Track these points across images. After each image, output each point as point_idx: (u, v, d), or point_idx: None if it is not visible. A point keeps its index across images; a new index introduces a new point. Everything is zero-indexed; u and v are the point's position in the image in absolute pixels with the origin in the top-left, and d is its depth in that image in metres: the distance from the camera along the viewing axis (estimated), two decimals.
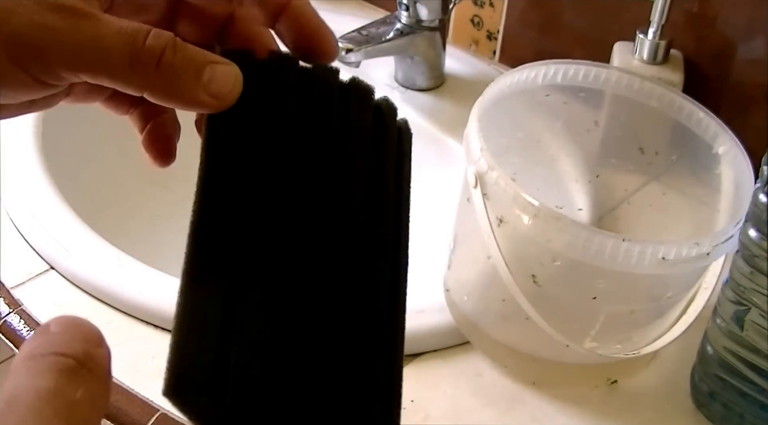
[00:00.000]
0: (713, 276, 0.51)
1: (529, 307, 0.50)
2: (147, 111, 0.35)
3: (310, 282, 0.27)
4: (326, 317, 0.26)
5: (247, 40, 0.32)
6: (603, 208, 0.65)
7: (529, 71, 0.56)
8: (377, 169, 0.30)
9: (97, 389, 0.22)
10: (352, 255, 0.28)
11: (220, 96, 0.28)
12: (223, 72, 0.28)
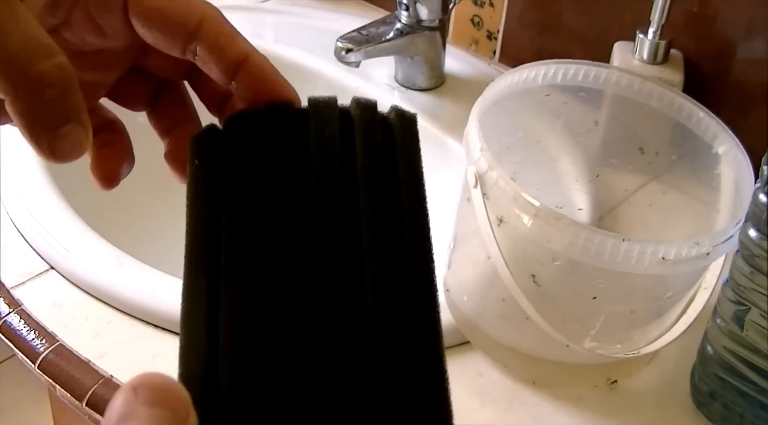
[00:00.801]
0: (713, 276, 0.51)
1: (529, 307, 0.50)
2: (100, 146, 0.34)
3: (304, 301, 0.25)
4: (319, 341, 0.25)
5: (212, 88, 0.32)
6: (603, 208, 0.65)
7: (529, 71, 0.56)
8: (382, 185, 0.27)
9: None
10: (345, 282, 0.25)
11: (57, 151, 0.27)
12: (77, 137, 0.27)
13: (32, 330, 0.56)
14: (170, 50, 0.30)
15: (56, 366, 0.54)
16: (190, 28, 0.29)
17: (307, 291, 0.25)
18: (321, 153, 0.27)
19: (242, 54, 0.29)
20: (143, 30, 0.30)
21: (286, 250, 0.25)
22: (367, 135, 0.28)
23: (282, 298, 0.25)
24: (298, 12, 0.92)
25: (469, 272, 0.57)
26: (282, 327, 0.24)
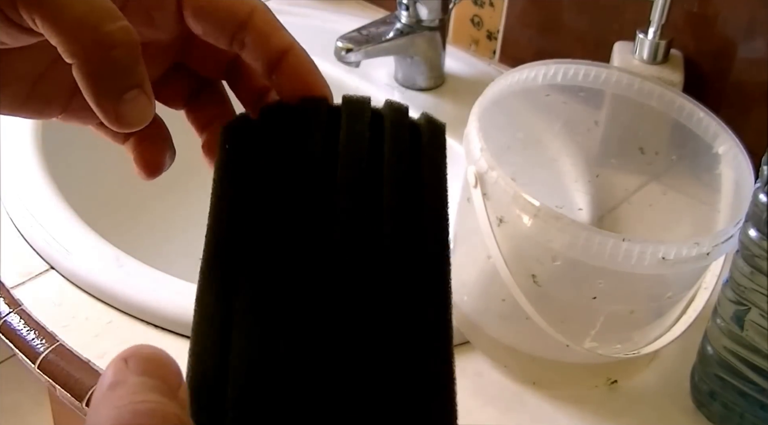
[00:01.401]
0: (713, 276, 0.51)
1: (529, 307, 0.50)
2: (142, 139, 0.35)
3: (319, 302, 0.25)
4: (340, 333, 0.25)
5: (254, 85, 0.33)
6: (603, 208, 0.65)
7: (529, 71, 0.56)
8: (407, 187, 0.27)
9: None
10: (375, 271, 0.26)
11: (122, 118, 0.27)
12: (142, 104, 0.28)
13: (32, 330, 0.56)
14: (218, 41, 0.31)
15: (56, 366, 0.54)
16: (240, 19, 0.30)
17: (324, 288, 0.25)
18: (350, 147, 0.28)
19: (286, 46, 0.31)
20: (195, 21, 0.31)
21: (306, 243, 0.25)
22: (395, 135, 0.28)
23: (297, 295, 0.25)
24: (298, 12, 0.92)
25: (469, 272, 0.57)
26: (295, 325, 0.24)
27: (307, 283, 0.25)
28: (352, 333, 0.24)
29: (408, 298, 0.25)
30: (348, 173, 0.27)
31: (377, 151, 0.28)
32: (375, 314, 0.25)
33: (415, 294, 0.25)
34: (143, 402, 0.20)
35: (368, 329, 0.24)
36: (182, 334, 0.56)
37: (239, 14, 0.30)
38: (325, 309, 0.24)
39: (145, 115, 0.28)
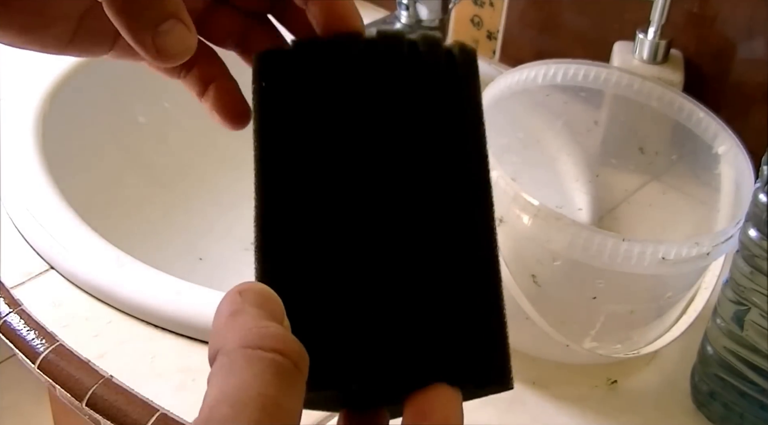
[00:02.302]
0: (713, 276, 0.51)
1: (529, 307, 0.50)
2: (202, 74, 0.34)
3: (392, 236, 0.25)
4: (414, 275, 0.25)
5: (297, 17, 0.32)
6: (603, 208, 0.65)
7: (529, 71, 0.56)
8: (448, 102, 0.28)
9: (304, 394, 0.22)
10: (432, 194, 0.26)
11: (162, 50, 0.27)
12: (180, 33, 0.27)
13: (32, 330, 0.56)
14: None
15: (56, 366, 0.54)
16: None
17: (366, 210, 0.26)
18: (388, 69, 0.27)
19: None
20: None
21: (346, 171, 0.26)
22: (431, 56, 0.28)
23: (341, 216, 0.25)
24: None
25: None
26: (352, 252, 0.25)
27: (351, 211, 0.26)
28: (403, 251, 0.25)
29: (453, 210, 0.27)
30: (387, 95, 0.27)
31: (415, 73, 0.28)
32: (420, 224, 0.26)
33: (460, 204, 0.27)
34: (266, 327, 0.22)
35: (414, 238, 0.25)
36: (182, 334, 0.56)
37: None
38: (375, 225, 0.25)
39: (187, 45, 0.27)
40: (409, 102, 0.27)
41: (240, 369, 0.21)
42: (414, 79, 0.27)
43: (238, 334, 0.22)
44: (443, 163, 0.27)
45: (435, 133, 0.27)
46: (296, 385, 0.22)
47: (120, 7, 0.26)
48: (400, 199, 0.26)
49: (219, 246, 0.77)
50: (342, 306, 0.25)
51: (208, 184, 0.82)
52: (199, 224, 0.79)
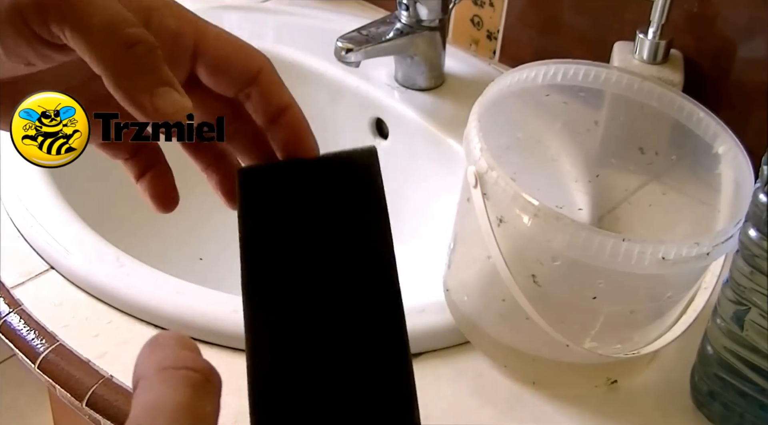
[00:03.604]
0: (713, 276, 0.51)
1: (529, 307, 0.50)
2: (144, 160, 0.38)
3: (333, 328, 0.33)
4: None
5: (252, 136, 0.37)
6: (603, 208, 0.65)
7: (529, 71, 0.56)
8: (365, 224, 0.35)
9: (217, 403, 0.25)
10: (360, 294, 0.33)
11: (160, 109, 0.30)
12: (178, 97, 0.31)
13: (32, 330, 0.56)
14: (225, 92, 0.35)
15: (56, 366, 0.54)
16: (250, 76, 0.34)
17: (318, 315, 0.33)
18: (324, 194, 0.35)
19: (286, 104, 0.35)
20: (208, 74, 0.34)
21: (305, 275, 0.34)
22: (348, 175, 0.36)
23: (300, 321, 0.33)
24: (298, 12, 0.92)
25: (469, 272, 0.57)
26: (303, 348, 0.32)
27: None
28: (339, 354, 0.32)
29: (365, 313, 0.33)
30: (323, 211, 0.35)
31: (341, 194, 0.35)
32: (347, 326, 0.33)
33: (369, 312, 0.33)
34: (180, 352, 0.26)
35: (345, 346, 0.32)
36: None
37: (249, 72, 0.34)
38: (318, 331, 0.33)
39: (183, 106, 0.31)
40: (337, 216, 0.35)
41: (157, 387, 0.24)
42: (339, 197, 0.35)
43: (155, 361, 0.25)
44: (360, 273, 0.33)
45: (352, 248, 0.34)
46: (209, 395, 0.25)
47: (118, 72, 0.29)
48: (334, 319, 0.33)
49: (219, 247, 0.77)
50: (300, 389, 0.32)
51: (208, 185, 0.81)
52: (199, 224, 0.79)
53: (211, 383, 0.25)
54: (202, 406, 0.24)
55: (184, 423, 0.23)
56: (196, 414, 0.24)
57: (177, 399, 0.24)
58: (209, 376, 0.25)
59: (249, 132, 0.37)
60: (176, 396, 0.24)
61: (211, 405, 0.25)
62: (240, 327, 0.55)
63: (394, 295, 0.33)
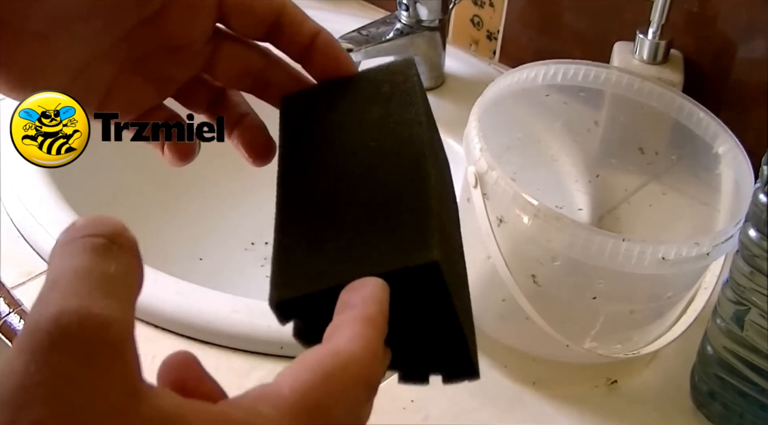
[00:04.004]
0: (713, 276, 0.51)
1: (529, 307, 0.50)
2: (228, 116, 0.39)
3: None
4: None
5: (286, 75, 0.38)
6: (603, 208, 0.65)
7: (529, 71, 0.56)
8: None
9: (130, 262, 0.23)
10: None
11: None
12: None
13: None
14: (256, 31, 0.36)
15: None
16: (276, 8, 0.35)
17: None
18: (366, 104, 0.35)
19: (315, 31, 0.36)
20: (237, 16, 0.35)
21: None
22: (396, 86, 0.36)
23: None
24: None
25: (469, 272, 0.56)
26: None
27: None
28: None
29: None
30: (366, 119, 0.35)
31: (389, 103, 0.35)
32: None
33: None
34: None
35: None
36: (182, 334, 0.56)
37: (275, 5, 0.35)
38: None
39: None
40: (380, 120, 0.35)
41: (53, 260, 0.23)
42: (386, 107, 0.35)
43: (57, 241, 0.23)
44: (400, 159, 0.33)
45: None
46: (110, 255, 0.23)
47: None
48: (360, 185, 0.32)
49: (219, 246, 0.77)
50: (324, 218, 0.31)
51: (208, 185, 0.82)
52: (199, 224, 0.79)
53: (117, 244, 0.23)
54: (105, 266, 0.22)
55: (84, 286, 0.21)
56: (97, 275, 0.22)
57: (73, 265, 0.22)
58: (114, 238, 0.23)
59: (283, 78, 0.38)
60: (72, 262, 0.22)
61: (117, 265, 0.22)
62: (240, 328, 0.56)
63: (421, 165, 0.32)
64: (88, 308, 0.21)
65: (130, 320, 0.22)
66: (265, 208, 0.84)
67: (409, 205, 0.30)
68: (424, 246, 0.28)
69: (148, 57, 0.35)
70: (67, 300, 0.21)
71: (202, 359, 0.25)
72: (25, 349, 0.20)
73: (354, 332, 0.25)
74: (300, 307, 0.29)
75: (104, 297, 0.21)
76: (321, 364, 0.24)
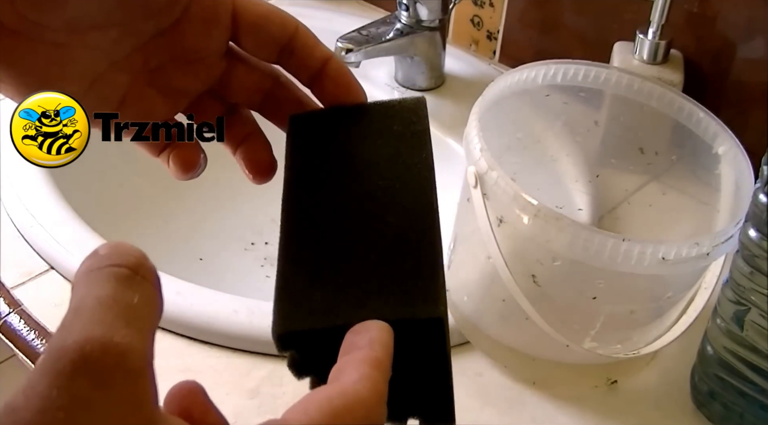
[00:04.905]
0: (713, 276, 0.51)
1: (529, 307, 0.50)
2: (234, 133, 0.39)
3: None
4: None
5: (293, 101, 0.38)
6: (603, 208, 0.65)
7: (529, 71, 0.56)
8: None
9: (152, 293, 0.24)
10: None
11: None
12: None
13: (32, 330, 0.56)
14: (268, 52, 0.36)
15: None
16: (289, 31, 0.36)
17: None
18: (371, 136, 0.36)
19: (327, 55, 0.36)
20: (250, 34, 0.35)
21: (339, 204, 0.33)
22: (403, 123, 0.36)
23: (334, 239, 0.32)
24: (298, 12, 0.92)
25: (469, 272, 0.57)
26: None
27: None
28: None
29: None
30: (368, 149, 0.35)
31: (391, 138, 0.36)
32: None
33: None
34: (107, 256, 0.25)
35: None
36: (182, 334, 0.56)
37: (288, 28, 0.36)
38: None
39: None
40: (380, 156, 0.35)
41: (78, 288, 0.23)
42: (388, 141, 0.35)
43: (83, 267, 0.24)
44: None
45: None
46: (136, 285, 0.24)
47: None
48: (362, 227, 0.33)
49: (219, 247, 0.77)
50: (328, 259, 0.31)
51: (208, 185, 0.82)
52: (199, 224, 0.79)
53: (140, 275, 0.24)
54: (128, 297, 0.23)
55: (107, 315, 0.22)
56: (120, 304, 0.23)
57: (97, 294, 0.23)
58: (137, 268, 0.24)
59: (291, 100, 0.38)
60: (96, 291, 0.23)
61: (140, 295, 0.24)
62: (240, 328, 0.56)
63: (431, 214, 0.32)
64: (111, 337, 0.22)
65: (150, 349, 0.23)
66: (265, 208, 0.84)
67: (418, 255, 0.31)
68: (432, 301, 0.29)
69: (162, 69, 0.36)
70: (91, 328, 0.22)
71: (202, 359, 0.25)
72: (48, 373, 0.21)
73: (362, 374, 0.26)
74: (301, 341, 0.30)
75: (126, 327, 0.22)
76: (330, 403, 0.25)
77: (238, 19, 0.35)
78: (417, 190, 0.33)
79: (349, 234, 0.32)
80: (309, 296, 0.30)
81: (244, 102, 0.39)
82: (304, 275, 0.31)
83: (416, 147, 0.35)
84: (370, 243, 0.31)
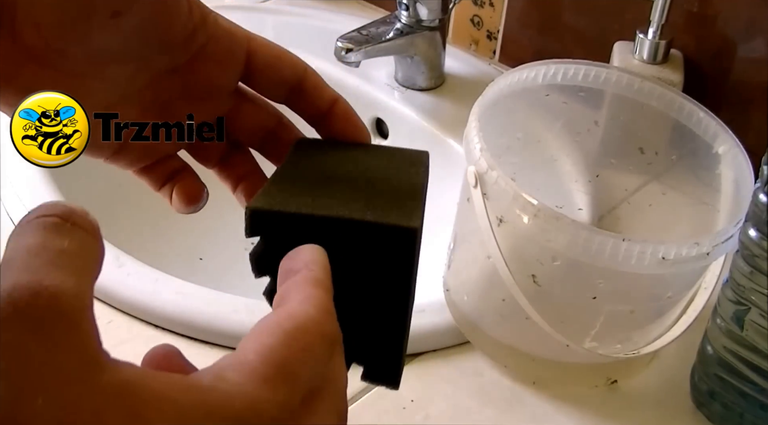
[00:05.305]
0: (713, 276, 0.51)
1: (529, 307, 0.50)
2: (234, 171, 0.40)
3: None
4: None
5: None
6: (603, 208, 0.65)
7: (529, 71, 0.56)
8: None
9: (85, 238, 0.23)
10: None
11: None
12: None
13: None
14: (277, 90, 0.37)
15: None
16: (300, 72, 0.37)
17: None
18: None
19: (334, 97, 0.38)
20: (263, 71, 0.36)
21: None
22: None
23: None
24: (298, 12, 0.92)
25: (469, 272, 0.57)
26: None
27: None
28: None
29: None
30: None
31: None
32: None
33: None
34: None
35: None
36: (182, 334, 0.56)
37: (299, 69, 0.37)
38: None
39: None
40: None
41: (8, 243, 0.23)
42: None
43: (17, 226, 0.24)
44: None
45: None
46: (63, 232, 0.23)
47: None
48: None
49: (219, 246, 0.77)
50: None
51: (208, 185, 0.82)
52: (199, 224, 0.79)
53: (70, 222, 0.23)
54: (57, 243, 0.22)
55: (35, 261, 0.21)
56: (49, 251, 0.22)
57: (26, 243, 0.22)
58: (67, 216, 0.23)
59: (292, 140, 0.39)
60: (25, 241, 0.22)
61: (71, 240, 0.23)
62: (240, 328, 0.56)
63: (418, 190, 0.33)
64: (40, 281, 0.21)
65: (86, 292, 0.22)
66: None
67: (401, 191, 0.33)
68: (407, 217, 0.30)
69: (171, 103, 0.36)
70: (19, 275, 0.21)
71: (202, 359, 0.25)
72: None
73: (305, 294, 0.26)
74: (271, 223, 0.31)
75: (56, 270, 0.21)
76: (281, 327, 0.24)
77: (252, 59, 0.36)
78: (408, 183, 0.34)
79: (336, 177, 0.33)
80: (292, 192, 0.31)
81: (246, 140, 0.39)
82: (290, 185, 0.32)
83: (408, 179, 0.36)
84: (356, 183, 0.33)
